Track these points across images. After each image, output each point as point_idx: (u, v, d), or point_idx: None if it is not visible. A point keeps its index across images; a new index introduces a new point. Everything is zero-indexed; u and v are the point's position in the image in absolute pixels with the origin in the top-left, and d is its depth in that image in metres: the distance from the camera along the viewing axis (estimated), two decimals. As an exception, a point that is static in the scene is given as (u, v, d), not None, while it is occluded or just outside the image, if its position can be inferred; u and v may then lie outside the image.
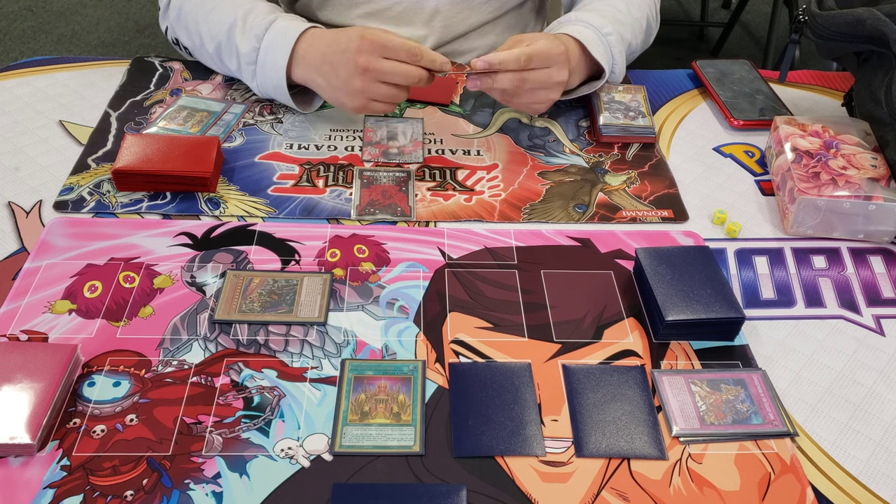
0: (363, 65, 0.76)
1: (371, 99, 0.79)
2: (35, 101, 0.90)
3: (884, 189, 0.73)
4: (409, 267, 0.72)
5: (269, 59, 0.83)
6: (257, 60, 0.84)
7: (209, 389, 0.60)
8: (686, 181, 0.84)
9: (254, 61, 0.84)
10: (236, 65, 0.86)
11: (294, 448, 0.57)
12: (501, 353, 0.64)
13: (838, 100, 0.96)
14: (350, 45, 0.77)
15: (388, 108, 0.81)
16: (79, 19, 2.61)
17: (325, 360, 0.63)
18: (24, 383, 0.57)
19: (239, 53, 0.85)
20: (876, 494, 0.56)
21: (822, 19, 0.80)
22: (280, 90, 0.84)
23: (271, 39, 0.83)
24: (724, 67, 1.00)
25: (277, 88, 0.84)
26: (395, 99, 0.80)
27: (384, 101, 0.79)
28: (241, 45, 0.84)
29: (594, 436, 0.58)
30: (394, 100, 0.80)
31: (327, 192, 0.79)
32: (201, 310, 0.66)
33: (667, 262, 0.69)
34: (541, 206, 0.79)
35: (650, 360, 0.64)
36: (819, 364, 0.65)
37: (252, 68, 0.85)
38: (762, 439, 0.59)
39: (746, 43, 2.61)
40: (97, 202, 0.76)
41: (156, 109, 0.89)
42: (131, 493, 0.54)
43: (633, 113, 0.89)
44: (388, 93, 0.78)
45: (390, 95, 0.79)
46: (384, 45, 0.76)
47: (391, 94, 0.79)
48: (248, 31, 0.84)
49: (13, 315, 0.65)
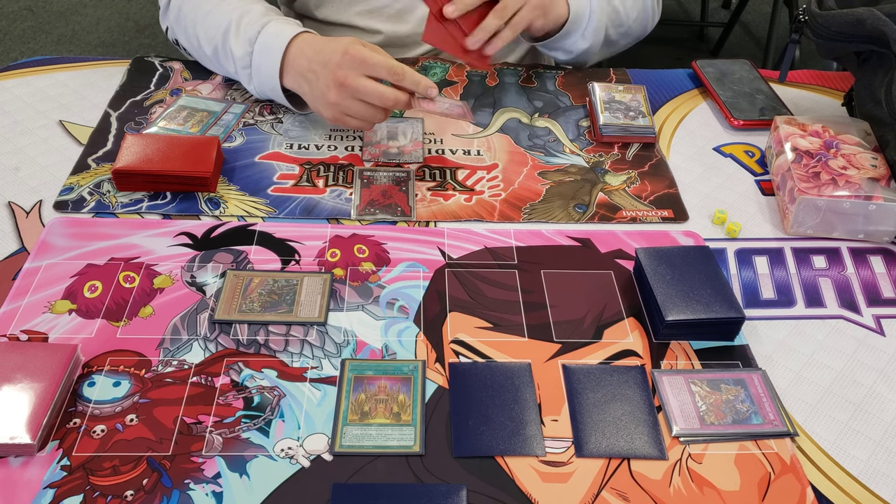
0: (341, 79, 0.76)
1: (345, 114, 0.79)
2: (35, 101, 0.90)
3: (884, 189, 0.73)
4: (409, 267, 0.72)
5: (262, 62, 0.83)
6: (251, 64, 0.84)
7: (209, 389, 0.60)
8: (686, 181, 0.84)
9: (248, 65, 0.84)
10: (234, 68, 0.87)
11: (294, 448, 0.57)
12: (501, 353, 0.64)
13: (838, 100, 0.96)
14: (333, 57, 0.77)
15: (363, 125, 0.81)
16: (79, 19, 2.61)
17: (325, 360, 0.63)
18: (24, 383, 0.57)
19: (234, 57, 0.85)
20: (876, 494, 0.56)
21: (822, 19, 0.80)
22: (276, 93, 0.84)
23: (263, 43, 0.82)
24: (724, 67, 1.00)
25: (274, 90, 0.84)
26: (371, 118, 0.79)
27: (358, 119, 0.79)
28: (235, 49, 0.84)
29: (594, 436, 0.58)
30: (369, 119, 0.79)
31: (327, 192, 0.79)
32: (201, 310, 0.66)
33: (667, 262, 0.69)
34: (541, 205, 0.79)
35: (650, 360, 0.64)
36: (819, 364, 0.65)
37: (248, 72, 0.85)
38: (762, 439, 0.59)
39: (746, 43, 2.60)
40: (97, 202, 0.76)
41: (156, 109, 0.89)
42: (131, 493, 0.54)
43: (633, 113, 0.89)
44: (362, 111, 0.78)
45: (365, 114, 0.78)
46: (365, 62, 0.76)
47: (366, 112, 0.78)
48: (242, 35, 0.84)
49: (13, 315, 0.65)
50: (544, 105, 0.94)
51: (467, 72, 0.98)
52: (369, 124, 0.81)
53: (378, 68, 0.76)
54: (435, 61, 1.00)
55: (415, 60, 1.01)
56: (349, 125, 0.81)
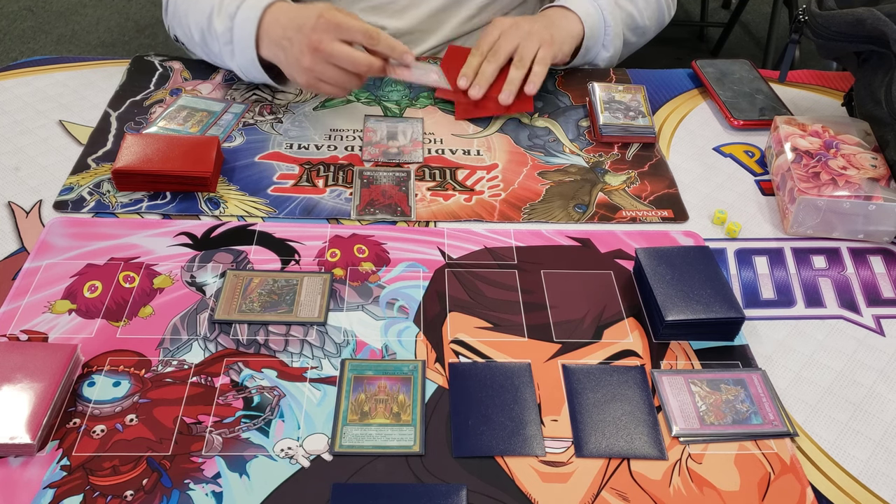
0: (314, 43, 0.76)
1: (319, 79, 0.79)
2: (35, 101, 0.90)
3: (884, 189, 0.73)
4: (409, 267, 0.71)
5: (240, 35, 0.83)
6: (233, 39, 0.84)
7: (209, 389, 0.60)
8: (686, 181, 0.84)
9: (230, 41, 0.84)
10: (218, 47, 0.87)
11: (294, 448, 0.57)
12: (501, 353, 0.64)
13: (838, 100, 0.96)
14: (307, 22, 0.77)
15: (337, 91, 0.81)
16: (79, 19, 2.61)
17: (325, 360, 0.63)
18: (24, 383, 0.57)
19: (217, 35, 0.85)
20: (876, 494, 0.56)
21: (822, 19, 0.80)
22: (256, 66, 0.84)
23: (242, 16, 0.83)
24: (724, 67, 1.00)
25: (253, 62, 0.84)
26: (344, 84, 0.80)
27: (332, 84, 0.79)
28: (217, 27, 0.85)
29: (594, 436, 0.58)
30: (342, 85, 0.80)
31: (327, 191, 0.79)
32: (201, 310, 0.66)
33: (667, 262, 0.69)
34: (541, 205, 0.79)
35: (650, 360, 0.64)
36: (819, 364, 0.65)
37: (230, 48, 0.85)
38: (762, 439, 0.59)
39: (746, 43, 2.60)
40: (97, 202, 0.76)
41: (156, 109, 0.89)
42: (131, 493, 0.54)
43: (633, 113, 0.89)
44: (335, 76, 0.78)
45: (339, 79, 0.79)
46: (339, 26, 0.76)
47: (339, 78, 0.78)
48: (223, 12, 0.84)
49: (13, 315, 0.65)
50: (544, 105, 0.94)
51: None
52: (343, 91, 0.81)
53: (353, 32, 0.76)
54: (435, 61, 1.00)
55: (418, 58, 1.00)
56: (323, 91, 0.81)
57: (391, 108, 0.92)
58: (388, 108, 0.92)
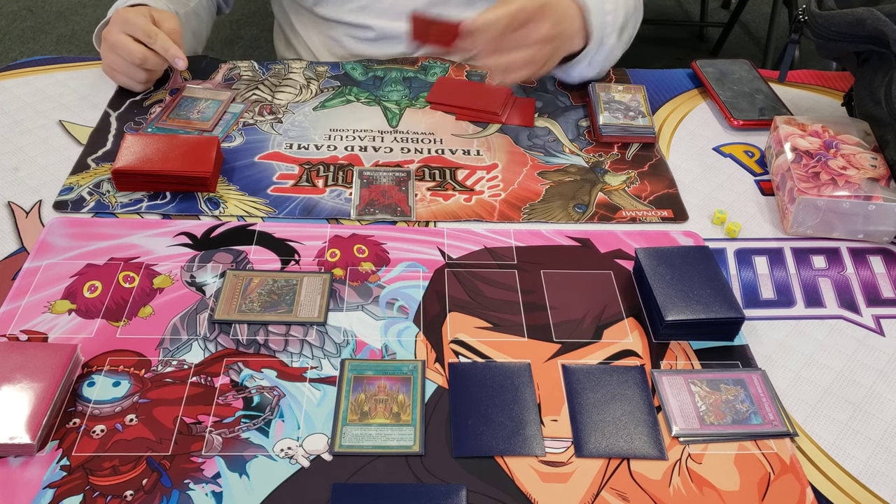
0: (105, 34, 0.88)
1: (111, 67, 0.89)
2: (35, 101, 0.91)
3: (884, 189, 0.73)
4: (409, 267, 0.71)
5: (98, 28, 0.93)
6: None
7: (209, 389, 0.60)
8: (686, 181, 0.84)
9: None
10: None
11: (294, 448, 0.57)
12: (501, 353, 0.64)
13: (838, 100, 0.96)
14: (114, 17, 0.88)
15: (129, 82, 0.90)
16: (79, 19, 2.61)
17: (325, 360, 0.63)
18: (24, 383, 0.57)
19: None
20: (876, 494, 0.56)
21: (822, 19, 0.80)
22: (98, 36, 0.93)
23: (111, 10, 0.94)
24: (724, 67, 1.00)
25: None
26: (129, 74, 0.88)
27: (119, 72, 0.89)
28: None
29: (594, 436, 0.58)
30: (128, 74, 0.88)
31: (327, 191, 0.79)
32: (201, 310, 0.66)
33: (667, 262, 0.69)
34: (540, 206, 0.79)
35: (650, 360, 0.64)
36: (819, 364, 0.65)
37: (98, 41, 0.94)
38: (762, 439, 0.59)
39: (746, 43, 2.60)
40: (97, 202, 0.76)
41: (155, 109, 0.89)
42: (131, 493, 0.54)
43: (633, 113, 0.89)
44: (120, 65, 0.88)
45: (123, 68, 0.88)
46: (126, 22, 0.86)
47: (123, 66, 0.88)
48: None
49: (13, 315, 0.65)
50: (544, 105, 0.94)
51: (467, 71, 0.98)
52: (132, 80, 0.89)
53: (135, 28, 0.85)
54: (435, 61, 1.00)
55: (414, 60, 1.01)
56: (116, 80, 0.91)
57: (391, 108, 0.92)
58: (387, 108, 0.92)
